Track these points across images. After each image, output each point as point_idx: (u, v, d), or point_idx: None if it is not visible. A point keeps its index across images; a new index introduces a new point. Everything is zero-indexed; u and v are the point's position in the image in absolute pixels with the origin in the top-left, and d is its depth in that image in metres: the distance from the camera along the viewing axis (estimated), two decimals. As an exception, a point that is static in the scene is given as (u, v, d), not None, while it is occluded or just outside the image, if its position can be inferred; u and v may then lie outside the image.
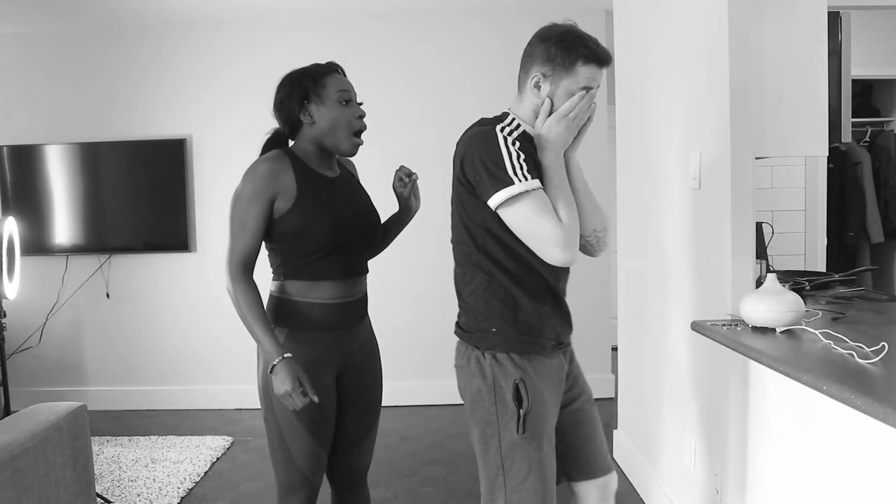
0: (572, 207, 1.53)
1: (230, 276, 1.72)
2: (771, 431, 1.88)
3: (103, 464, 3.34)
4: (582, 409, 1.73)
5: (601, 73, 1.58)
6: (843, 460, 1.53)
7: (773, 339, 1.73)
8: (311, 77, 1.78)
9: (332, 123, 1.77)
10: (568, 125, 1.55)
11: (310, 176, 1.78)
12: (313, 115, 1.77)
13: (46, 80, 4.30)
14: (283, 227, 1.73)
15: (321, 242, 1.74)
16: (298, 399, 1.65)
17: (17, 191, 4.22)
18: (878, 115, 4.76)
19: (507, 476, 1.56)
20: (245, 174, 1.74)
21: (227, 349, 4.34)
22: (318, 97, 1.77)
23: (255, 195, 1.71)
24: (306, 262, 1.76)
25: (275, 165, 1.73)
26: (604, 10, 4.07)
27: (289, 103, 1.78)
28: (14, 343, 4.30)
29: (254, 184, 1.71)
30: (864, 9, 3.41)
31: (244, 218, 1.71)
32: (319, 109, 1.76)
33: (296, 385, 1.64)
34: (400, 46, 4.20)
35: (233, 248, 1.72)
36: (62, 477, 1.78)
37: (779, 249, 3.96)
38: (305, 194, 1.74)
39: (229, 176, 4.26)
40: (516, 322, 1.58)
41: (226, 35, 4.26)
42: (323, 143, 1.79)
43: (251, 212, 1.70)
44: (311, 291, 1.76)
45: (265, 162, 1.74)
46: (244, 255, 1.72)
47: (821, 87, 2.13)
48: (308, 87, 1.77)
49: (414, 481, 3.14)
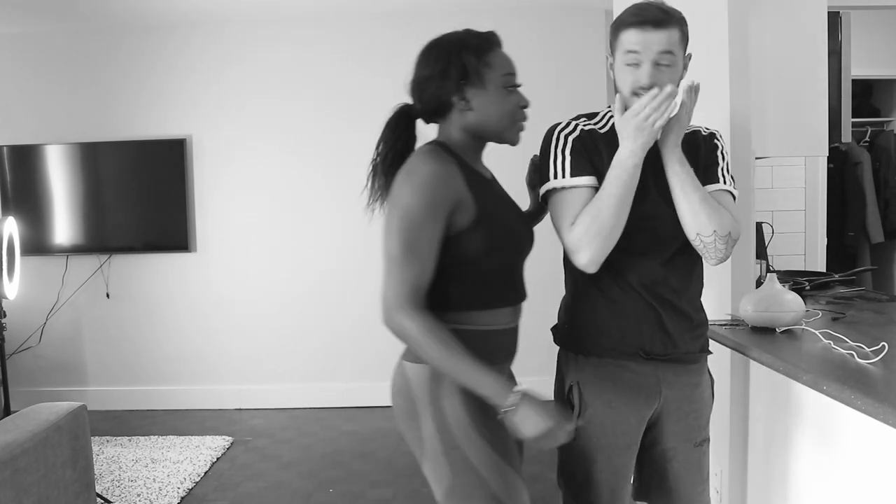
0: (604, 211, 1.40)
1: (403, 312, 1.29)
2: (771, 431, 1.88)
3: (103, 464, 3.34)
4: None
5: (652, 36, 1.39)
6: (843, 460, 1.53)
7: (773, 339, 1.72)
8: (473, 51, 1.40)
9: (497, 114, 1.41)
10: (639, 126, 1.38)
11: (475, 179, 1.41)
12: (471, 101, 1.39)
13: (46, 80, 4.30)
14: (464, 249, 1.36)
15: (505, 263, 1.43)
16: (564, 432, 1.30)
17: (17, 191, 4.22)
18: (878, 115, 4.76)
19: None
20: (406, 178, 1.32)
21: (228, 349, 4.35)
22: (480, 79, 1.39)
23: (431, 209, 1.30)
24: (484, 287, 1.40)
25: (444, 167, 1.34)
26: (604, 10, 4.07)
27: (441, 82, 1.39)
28: (14, 343, 4.30)
29: (426, 194, 1.30)
30: (864, 9, 3.41)
31: (416, 239, 1.30)
32: (480, 95, 1.39)
33: (553, 416, 1.28)
34: (402, 47, 4.19)
35: (402, 277, 1.30)
36: (62, 477, 1.78)
37: (779, 249, 3.96)
38: (484, 204, 1.38)
39: (229, 176, 4.30)
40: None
41: (226, 35, 4.26)
42: (483, 132, 1.43)
43: (426, 231, 1.30)
44: (491, 318, 1.42)
45: (431, 162, 1.33)
46: (418, 285, 1.30)
47: (821, 87, 2.13)
48: (469, 65, 1.39)
49: (414, 481, 3.14)
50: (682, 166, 1.45)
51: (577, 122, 1.54)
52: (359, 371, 4.33)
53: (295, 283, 4.32)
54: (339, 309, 4.32)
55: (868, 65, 4.11)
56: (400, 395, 1.43)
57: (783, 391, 1.79)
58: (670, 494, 1.56)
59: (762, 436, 1.93)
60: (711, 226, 1.44)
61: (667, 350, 1.48)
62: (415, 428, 1.40)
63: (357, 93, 4.23)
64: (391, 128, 1.46)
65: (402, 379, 1.42)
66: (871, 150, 4.51)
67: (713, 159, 1.54)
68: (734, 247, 1.49)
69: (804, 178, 4.15)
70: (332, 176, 4.27)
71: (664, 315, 1.48)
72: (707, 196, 1.46)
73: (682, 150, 1.47)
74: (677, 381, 1.52)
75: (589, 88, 4.09)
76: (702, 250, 1.47)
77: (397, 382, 1.44)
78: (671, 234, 1.48)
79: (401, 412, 1.43)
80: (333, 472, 3.27)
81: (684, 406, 1.53)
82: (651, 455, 1.56)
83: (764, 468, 1.93)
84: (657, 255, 1.49)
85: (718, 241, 1.45)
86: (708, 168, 1.53)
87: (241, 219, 4.31)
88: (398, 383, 1.44)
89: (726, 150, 1.59)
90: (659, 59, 1.40)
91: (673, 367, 1.51)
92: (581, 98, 3.71)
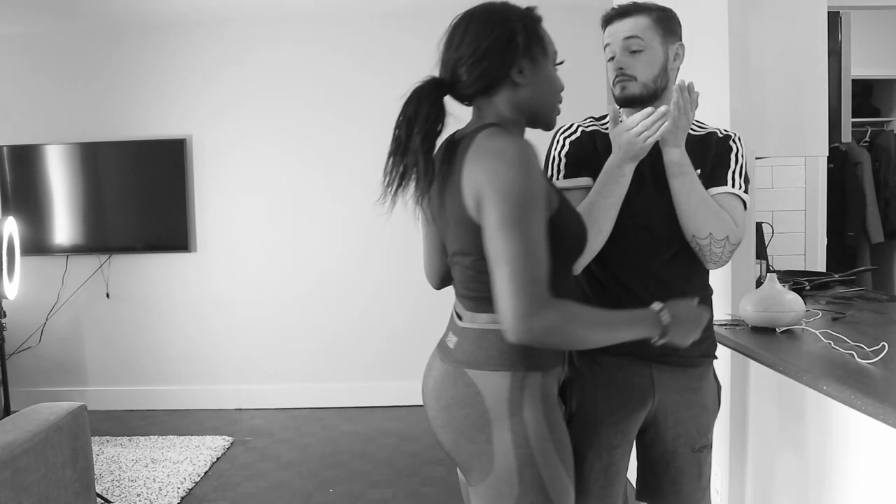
0: (590, 214, 1.40)
1: (543, 314, 1.10)
2: (771, 431, 1.88)
3: (103, 464, 3.34)
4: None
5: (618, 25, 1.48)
6: (843, 460, 1.53)
7: (773, 339, 1.72)
8: (529, 22, 1.26)
9: (549, 91, 1.30)
10: (630, 140, 1.39)
11: None
12: (527, 75, 1.26)
13: (46, 80, 4.30)
14: (556, 237, 1.22)
15: (573, 258, 1.32)
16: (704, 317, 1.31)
17: (17, 191, 4.22)
18: (878, 115, 4.76)
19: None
20: (517, 160, 1.14)
21: (228, 349, 4.35)
22: (544, 52, 1.27)
23: (543, 196, 1.17)
24: (560, 279, 1.26)
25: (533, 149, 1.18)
26: (603, 11, 4.07)
27: (504, 53, 1.23)
28: (14, 343, 4.30)
29: (537, 179, 1.15)
30: (864, 9, 3.41)
31: (538, 231, 1.14)
32: (535, 70, 1.26)
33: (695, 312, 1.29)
34: (402, 47, 4.20)
35: (533, 276, 1.11)
36: (62, 477, 1.78)
37: (779, 249, 3.96)
38: (557, 191, 1.29)
39: (229, 176, 4.30)
40: None
41: (226, 35, 4.26)
42: (534, 111, 1.30)
43: (542, 215, 1.16)
44: None
45: (528, 143, 1.17)
46: (545, 281, 1.13)
47: (821, 87, 2.13)
48: (531, 35, 1.26)
49: (414, 481, 3.14)
50: (680, 167, 1.44)
51: (582, 123, 1.56)
52: (359, 371, 4.33)
53: (295, 283, 4.32)
54: (339, 309, 4.32)
55: (868, 65, 4.11)
56: (464, 405, 1.25)
57: (783, 391, 1.79)
58: (669, 496, 1.55)
59: (762, 436, 1.93)
60: (707, 228, 1.43)
61: (664, 351, 1.44)
62: (483, 441, 1.24)
63: (357, 93, 4.23)
64: (426, 102, 1.25)
65: (467, 388, 1.25)
66: (871, 150, 4.51)
67: (724, 162, 1.53)
68: (734, 252, 1.48)
69: (804, 178, 4.15)
70: (331, 176, 4.27)
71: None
72: (706, 198, 1.45)
73: (691, 151, 1.47)
74: (674, 385, 1.51)
75: (588, 88, 4.09)
76: (699, 252, 1.47)
77: (459, 392, 1.26)
78: (670, 235, 1.47)
79: (463, 424, 1.26)
80: (333, 472, 3.27)
81: (681, 410, 1.52)
82: (651, 455, 1.56)
83: (764, 468, 1.93)
84: (656, 255, 1.48)
85: (715, 244, 1.45)
86: (716, 170, 1.52)
87: (241, 219, 4.31)
88: (461, 393, 1.26)
89: (743, 154, 1.56)
90: (627, 44, 1.47)
91: (669, 369, 1.50)
92: (580, 98, 3.70)
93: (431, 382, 1.33)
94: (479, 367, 1.25)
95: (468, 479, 1.28)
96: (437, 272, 1.49)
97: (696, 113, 1.48)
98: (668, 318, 1.23)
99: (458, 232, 1.25)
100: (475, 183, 1.17)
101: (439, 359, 1.33)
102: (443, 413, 1.29)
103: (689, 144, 1.48)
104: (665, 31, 1.49)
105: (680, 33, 1.53)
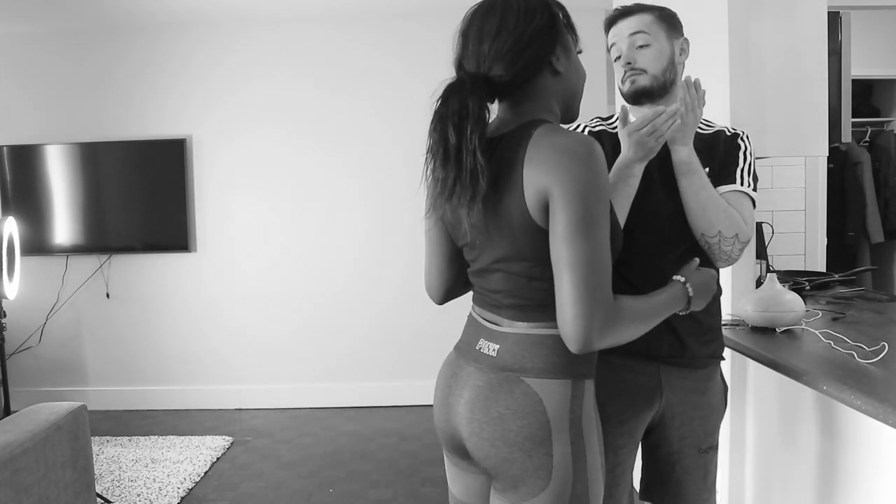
0: None
1: (613, 310, 1.08)
2: (771, 431, 1.88)
3: (103, 464, 3.34)
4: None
5: (622, 24, 1.52)
6: (843, 460, 1.53)
7: (774, 339, 1.72)
8: (561, 5, 1.21)
9: (581, 82, 1.25)
10: (640, 140, 1.41)
11: None
12: (562, 63, 1.20)
13: (46, 80, 4.30)
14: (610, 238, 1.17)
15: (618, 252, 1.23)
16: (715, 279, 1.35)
17: (17, 191, 4.22)
18: (878, 115, 4.76)
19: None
20: (586, 158, 1.07)
21: (227, 349, 4.35)
22: (565, 39, 1.20)
23: (609, 199, 1.11)
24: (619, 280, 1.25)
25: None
26: (604, 10, 4.07)
27: (546, 37, 1.16)
28: (14, 343, 4.30)
29: (606, 176, 1.10)
30: (864, 9, 3.41)
31: (607, 228, 1.09)
32: (567, 57, 1.20)
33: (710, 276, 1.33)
34: (405, 46, 4.20)
35: (601, 281, 1.06)
36: (62, 477, 1.78)
37: (779, 249, 3.96)
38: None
39: (229, 176, 4.30)
40: None
41: (226, 35, 4.26)
42: (572, 102, 1.26)
43: (608, 217, 1.10)
44: None
45: (594, 139, 1.10)
46: (610, 279, 1.09)
47: (821, 87, 2.13)
48: (568, 20, 1.21)
49: (414, 481, 3.14)
50: (688, 165, 1.44)
51: (589, 124, 1.57)
52: (359, 371, 4.33)
53: (295, 284, 4.32)
54: (339, 309, 4.32)
55: (868, 65, 4.11)
56: (523, 415, 1.14)
57: (783, 391, 1.79)
58: (674, 497, 1.55)
59: (762, 435, 1.93)
60: (716, 227, 1.43)
61: (672, 352, 1.46)
62: (542, 454, 1.13)
63: (359, 93, 4.23)
64: (474, 99, 1.13)
65: (526, 398, 1.15)
66: (871, 150, 4.51)
67: (732, 159, 1.53)
68: (744, 250, 1.48)
69: (804, 178, 4.15)
70: (332, 176, 4.27)
71: (672, 317, 1.43)
72: (715, 196, 1.44)
73: (699, 150, 1.47)
74: (682, 385, 1.50)
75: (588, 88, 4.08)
76: (708, 251, 1.47)
77: (517, 402, 1.15)
78: (679, 234, 1.47)
79: (520, 437, 1.14)
80: (333, 472, 3.27)
81: (689, 411, 1.51)
82: (657, 456, 1.56)
83: (764, 468, 1.93)
84: (664, 255, 1.48)
85: (724, 242, 1.44)
86: (724, 168, 1.52)
87: (241, 219, 4.31)
88: (519, 403, 1.15)
89: (752, 152, 1.56)
90: (633, 40, 1.50)
91: (678, 370, 1.49)
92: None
93: (470, 393, 1.20)
94: (539, 374, 1.15)
95: (512, 494, 1.16)
96: (444, 283, 1.37)
97: (703, 111, 1.48)
98: (693, 290, 1.27)
99: (511, 236, 1.15)
100: (540, 183, 1.08)
101: (474, 368, 1.21)
102: (491, 425, 1.16)
103: (698, 143, 1.48)
104: (669, 27, 1.51)
105: (682, 31, 1.55)
